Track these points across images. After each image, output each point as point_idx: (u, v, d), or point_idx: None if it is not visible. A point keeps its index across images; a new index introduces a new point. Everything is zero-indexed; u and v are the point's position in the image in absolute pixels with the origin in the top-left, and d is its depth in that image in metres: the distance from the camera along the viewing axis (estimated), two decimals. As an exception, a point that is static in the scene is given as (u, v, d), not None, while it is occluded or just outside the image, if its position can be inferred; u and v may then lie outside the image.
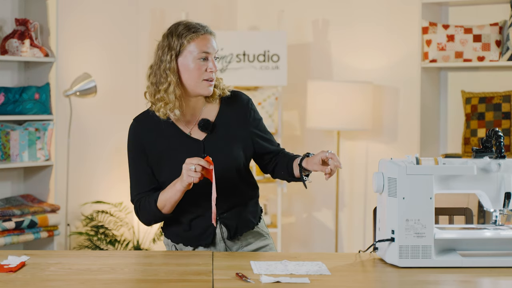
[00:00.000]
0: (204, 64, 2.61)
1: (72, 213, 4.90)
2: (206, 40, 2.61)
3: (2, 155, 4.46)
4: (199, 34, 2.61)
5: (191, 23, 2.65)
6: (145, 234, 5.06)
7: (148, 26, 5.36)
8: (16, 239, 4.32)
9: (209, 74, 2.61)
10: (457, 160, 2.48)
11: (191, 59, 2.61)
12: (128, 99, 5.27)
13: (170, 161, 2.63)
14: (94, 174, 5.08)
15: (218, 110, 2.71)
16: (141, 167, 2.68)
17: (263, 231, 2.78)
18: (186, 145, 2.65)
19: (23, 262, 2.37)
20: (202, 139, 2.67)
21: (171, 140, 2.66)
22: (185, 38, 2.61)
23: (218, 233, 2.67)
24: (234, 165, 2.67)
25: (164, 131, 2.67)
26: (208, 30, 2.64)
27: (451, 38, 4.65)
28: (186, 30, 2.62)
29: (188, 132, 2.68)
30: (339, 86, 4.97)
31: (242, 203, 2.72)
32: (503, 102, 4.59)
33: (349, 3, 5.28)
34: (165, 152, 2.65)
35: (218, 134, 2.68)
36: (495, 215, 2.51)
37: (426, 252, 2.38)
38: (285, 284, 2.17)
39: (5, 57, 4.38)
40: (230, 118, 2.71)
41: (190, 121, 2.69)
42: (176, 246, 2.72)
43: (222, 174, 2.60)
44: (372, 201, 5.20)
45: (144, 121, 2.71)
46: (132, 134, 2.71)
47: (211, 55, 2.62)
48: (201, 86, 2.62)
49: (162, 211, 2.62)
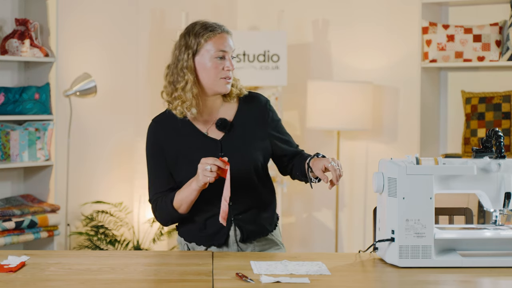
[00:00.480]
0: (221, 62, 2.64)
1: (72, 213, 4.90)
2: (223, 39, 2.64)
3: (2, 155, 4.46)
4: (216, 33, 2.64)
5: (208, 22, 2.68)
6: (145, 234, 5.06)
7: (148, 26, 5.36)
8: (16, 239, 4.32)
9: (226, 73, 2.64)
10: (457, 160, 2.48)
11: (208, 58, 2.63)
12: (128, 99, 5.27)
13: (187, 160, 2.64)
14: (94, 174, 5.08)
15: (236, 110, 2.73)
16: (159, 167, 2.69)
17: (278, 239, 2.77)
18: (204, 144, 2.66)
19: (23, 262, 2.37)
20: (219, 139, 2.68)
21: (188, 139, 2.67)
22: (202, 37, 2.63)
23: (231, 234, 2.66)
24: (251, 166, 2.67)
25: (181, 130, 2.68)
26: (225, 29, 2.67)
27: (451, 38, 4.65)
28: (203, 29, 2.64)
29: (205, 132, 2.69)
30: (339, 86, 4.97)
31: (258, 206, 2.70)
32: (503, 102, 4.59)
33: (349, 3, 5.28)
34: (182, 151, 2.66)
35: (236, 133, 2.69)
36: (495, 215, 2.51)
37: (426, 252, 2.38)
38: (285, 284, 2.17)
39: (5, 57, 4.38)
40: (248, 118, 2.72)
41: (207, 121, 2.70)
42: (189, 245, 2.72)
43: (238, 174, 2.60)
44: (372, 201, 5.20)
45: (162, 121, 2.73)
46: (150, 135, 2.73)
47: (228, 53, 2.65)
48: (219, 84, 2.65)
49: (179, 211, 2.63)
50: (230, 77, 2.66)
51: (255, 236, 2.68)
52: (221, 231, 2.66)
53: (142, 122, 5.35)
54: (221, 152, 2.65)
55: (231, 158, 2.53)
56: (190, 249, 2.72)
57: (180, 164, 2.66)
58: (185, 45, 2.66)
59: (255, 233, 2.69)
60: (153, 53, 5.36)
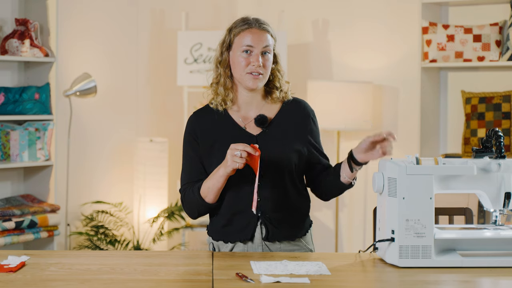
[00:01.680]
0: (247, 57, 2.63)
1: (72, 213, 4.90)
2: (252, 34, 2.63)
3: (2, 155, 4.46)
4: (245, 28, 2.64)
5: (247, 18, 2.69)
6: (145, 234, 5.06)
7: (148, 26, 5.36)
8: (16, 239, 4.32)
9: (252, 68, 2.62)
10: (457, 160, 2.48)
11: (238, 52, 2.64)
12: (128, 99, 5.27)
13: (219, 152, 2.61)
14: (94, 174, 5.08)
15: (278, 110, 2.72)
16: (191, 157, 2.69)
17: (307, 246, 2.73)
18: (239, 137, 2.64)
19: (23, 262, 2.37)
20: (256, 134, 2.67)
21: (224, 131, 2.67)
22: (233, 32, 2.66)
23: (257, 231, 2.64)
24: (284, 165, 2.64)
25: (219, 122, 2.69)
26: (259, 25, 2.65)
27: (451, 38, 4.65)
28: (237, 24, 2.67)
29: (243, 126, 2.69)
30: (339, 86, 4.97)
31: (287, 208, 2.67)
32: (503, 102, 4.59)
33: (349, 3, 5.28)
34: (217, 142, 2.65)
35: (273, 132, 2.68)
36: (495, 215, 2.51)
37: (426, 252, 2.38)
38: (285, 284, 2.17)
39: (5, 57, 4.38)
40: (288, 120, 2.71)
41: (247, 117, 2.70)
42: (214, 245, 2.71)
43: (271, 172, 2.60)
44: (372, 201, 5.19)
45: (202, 112, 2.75)
46: (188, 125, 2.74)
47: (256, 49, 2.62)
48: (246, 79, 2.64)
49: (206, 200, 2.61)
50: (259, 73, 2.64)
51: (280, 238, 2.65)
52: (247, 227, 2.64)
53: (142, 122, 5.35)
54: None
55: (264, 155, 2.52)
56: (215, 248, 2.71)
57: (213, 155, 2.65)
58: (223, 40, 2.70)
59: (281, 234, 2.65)
60: (153, 53, 5.36)
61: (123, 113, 5.24)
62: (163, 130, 5.36)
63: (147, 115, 5.38)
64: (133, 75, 5.27)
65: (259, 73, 2.63)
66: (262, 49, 2.64)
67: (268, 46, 2.65)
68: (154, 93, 5.40)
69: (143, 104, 5.34)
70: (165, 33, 5.39)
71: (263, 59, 2.64)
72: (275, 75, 2.74)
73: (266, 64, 2.65)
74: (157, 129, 5.37)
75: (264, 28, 2.66)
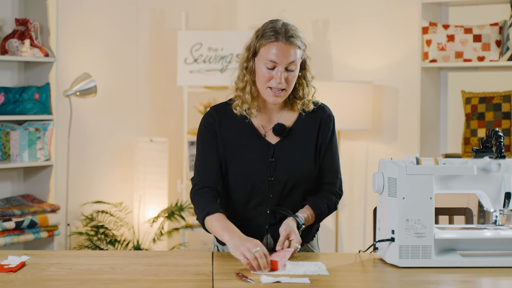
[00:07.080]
0: (269, 72, 2.51)
1: (72, 213, 4.90)
2: (278, 50, 2.49)
3: (2, 155, 4.46)
4: (272, 41, 2.49)
5: (276, 26, 2.52)
6: (145, 234, 5.06)
7: (148, 26, 5.36)
8: (16, 239, 4.32)
9: (273, 83, 2.51)
10: (457, 160, 2.48)
11: (261, 64, 2.52)
12: (128, 99, 5.27)
13: (236, 157, 2.57)
14: (94, 174, 5.08)
15: (296, 118, 2.63)
16: (207, 155, 2.60)
17: (312, 251, 2.70)
18: (257, 145, 2.59)
19: (23, 262, 2.37)
20: (274, 143, 2.60)
21: (243, 136, 2.59)
22: (260, 41, 2.52)
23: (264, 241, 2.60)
24: (300, 175, 2.59)
25: (239, 125, 2.60)
26: (286, 39, 2.50)
27: (451, 38, 4.65)
28: (265, 32, 2.51)
29: (263, 134, 2.61)
30: (339, 86, 4.97)
31: None
32: (503, 102, 4.59)
33: (349, 3, 5.28)
34: (235, 146, 2.58)
35: (291, 141, 2.61)
36: (495, 215, 2.51)
37: (426, 252, 2.38)
38: (285, 284, 2.17)
39: (5, 57, 4.38)
40: (307, 127, 2.63)
41: (267, 124, 2.62)
42: (219, 248, 2.69)
43: (286, 182, 2.56)
44: (372, 201, 5.20)
45: (222, 110, 2.63)
46: (206, 120, 2.62)
47: (280, 66, 2.49)
48: (266, 93, 2.54)
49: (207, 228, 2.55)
50: (281, 89, 2.51)
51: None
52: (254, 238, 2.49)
53: (142, 122, 5.35)
54: (272, 158, 2.57)
55: (282, 165, 2.50)
56: (219, 250, 2.68)
57: (229, 159, 2.59)
58: (250, 44, 2.56)
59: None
60: (153, 53, 5.36)
61: (123, 113, 5.24)
62: (163, 130, 5.36)
63: (147, 115, 5.38)
64: (133, 75, 5.27)
65: (280, 89, 2.51)
66: (287, 65, 2.50)
67: (293, 61, 2.51)
68: (154, 93, 5.40)
69: (143, 104, 5.34)
70: (165, 33, 5.39)
71: (287, 74, 2.51)
72: (300, 82, 2.60)
73: (289, 78, 2.52)
74: (157, 129, 5.37)
75: (291, 42, 2.51)
